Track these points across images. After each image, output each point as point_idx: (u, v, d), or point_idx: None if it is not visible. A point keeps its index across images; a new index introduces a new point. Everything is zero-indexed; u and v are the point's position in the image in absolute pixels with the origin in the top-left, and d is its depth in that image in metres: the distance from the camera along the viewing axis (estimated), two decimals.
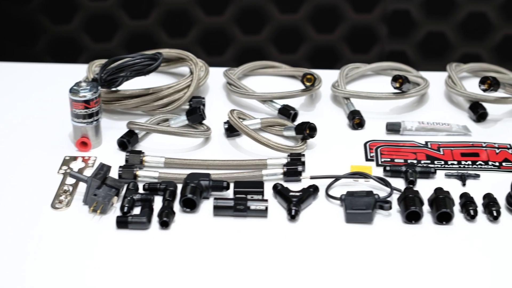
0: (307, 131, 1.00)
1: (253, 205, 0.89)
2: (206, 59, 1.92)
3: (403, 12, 1.86)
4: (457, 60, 1.86)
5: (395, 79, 1.07)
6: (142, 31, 1.88)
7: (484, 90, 1.05)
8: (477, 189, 0.93)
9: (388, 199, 0.91)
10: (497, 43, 1.85)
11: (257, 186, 0.92)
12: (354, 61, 1.93)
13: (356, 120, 1.06)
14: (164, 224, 0.87)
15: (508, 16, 1.82)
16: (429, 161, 0.99)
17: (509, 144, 1.02)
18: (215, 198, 0.90)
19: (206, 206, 0.91)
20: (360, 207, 0.89)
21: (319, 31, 1.90)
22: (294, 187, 0.93)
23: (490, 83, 1.04)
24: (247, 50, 1.91)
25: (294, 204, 0.89)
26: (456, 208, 0.90)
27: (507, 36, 1.83)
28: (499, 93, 1.08)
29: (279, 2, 1.86)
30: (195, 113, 1.03)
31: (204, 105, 1.10)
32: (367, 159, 1.00)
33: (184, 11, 1.85)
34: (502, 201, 0.91)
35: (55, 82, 1.15)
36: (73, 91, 0.99)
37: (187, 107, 1.09)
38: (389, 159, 1.00)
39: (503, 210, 0.90)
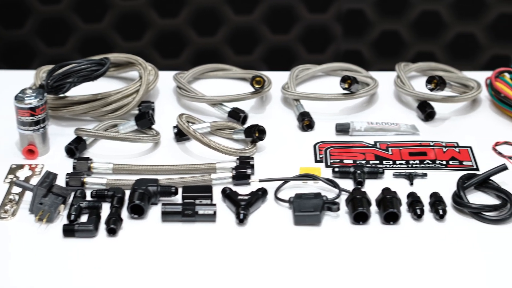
0: (256, 134, 1.00)
1: (201, 210, 0.89)
2: (162, 62, 1.92)
3: (358, 11, 1.88)
4: (411, 59, 1.89)
5: (343, 80, 1.07)
6: (96, 35, 1.86)
7: (431, 90, 1.06)
8: (424, 188, 0.94)
9: (336, 200, 0.91)
10: (450, 41, 1.87)
11: (206, 190, 0.92)
12: (310, 61, 1.93)
13: (306, 122, 1.06)
14: (112, 231, 0.86)
15: (461, 14, 1.85)
16: (377, 161, 1.00)
17: (456, 143, 1.03)
18: (163, 204, 0.90)
19: (155, 211, 0.91)
20: (308, 209, 0.89)
21: (274, 32, 1.91)
22: (243, 190, 0.93)
23: (436, 83, 1.05)
24: (203, 52, 1.90)
25: (242, 207, 0.89)
26: (404, 208, 0.91)
27: (459, 34, 1.86)
28: (447, 92, 1.09)
29: (234, 3, 1.86)
30: (144, 118, 1.03)
31: (153, 109, 1.09)
32: (316, 161, 1.00)
33: (139, 14, 1.84)
34: (449, 200, 0.92)
35: (3, 89, 1.14)
36: (19, 98, 0.98)
37: (136, 112, 1.08)
38: (338, 160, 1.00)
39: (450, 208, 0.91)
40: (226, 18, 1.85)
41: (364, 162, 0.99)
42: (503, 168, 0.94)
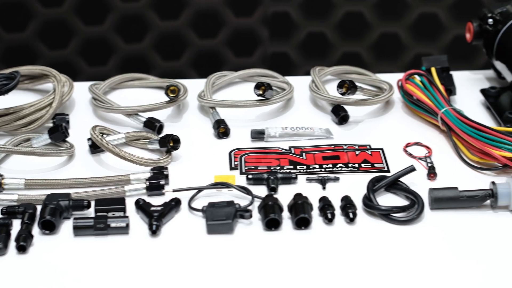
0: (170, 143, 1.01)
1: (113, 223, 0.89)
2: (89, 70, 1.91)
3: (283, 14, 1.89)
4: (338, 59, 1.92)
5: (257, 86, 1.08)
6: (20, 45, 1.84)
7: (342, 94, 1.07)
8: (337, 191, 0.96)
9: (249, 207, 0.92)
10: (374, 41, 1.90)
11: (118, 203, 0.92)
12: (238, 65, 1.95)
13: (221, 129, 1.07)
14: (21, 248, 0.86)
15: (384, 14, 1.88)
16: (291, 167, 1.01)
17: (369, 145, 1.05)
18: (75, 218, 0.90)
19: (67, 226, 0.90)
20: (220, 218, 0.90)
21: (201, 37, 1.91)
22: (158, 201, 0.93)
23: (347, 87, 1.06)
24: (130, 59, 1.89)
25: (155, 219, 0.90)
26: (316, 212, 0.93)
27: (383, 34, 1.89)
28: (359, 96, 1.11)
29: (159, 9, 1.86)
30: (57, 131, 1.02)
31: (68, 122, 1.08)
32: (231, 168, 1.01)
33: (63, 22, 1.82)
34: (360, 202, 0.94)
35: None
36: None
37: (51, 125, 1.07)
38: (253, 167, 1.01)
39: (360, 211, 0.93)
40: (152, 24, 1.85)
41: (278, 168, 1.01)
42: (411, 169, 0.96)
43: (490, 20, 1.12)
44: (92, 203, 0.92)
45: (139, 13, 1.84)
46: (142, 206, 0.92)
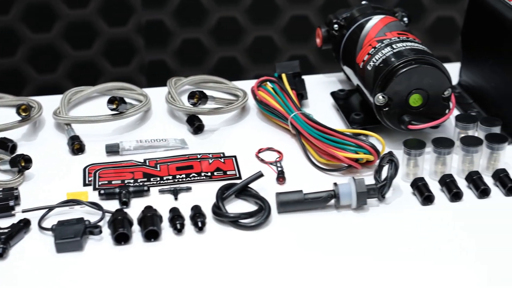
0: (21, 163, 1.00)
1: None
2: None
3: (157, 22, 1.90)
4: (214, 64, 1.94)
5: (110, 101, 1.09)
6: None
7: (193, 104, 1.09)
8: (189, 201, 0.97)
9: (100, 223, 0.93)
10: (249, 44, 1.93)
11: None
12: (116, 74, 1.95)
13: (76, 146, 1.07)
14: None
15: (257, 18, 1.91)
16: (145, 179, 1.02)
17: (223, 153, 1.07)
18: None
19: None
20: (69, 236, 0.90)
21: (76, 48, 1.90)
22: (7, 223, 0.93)
23: (198, 97, 1.09)
24: (1, 74, 1.87)
25: (2, 241, 0.89)
26: (167, 224, 0.94)
27: (257, 37, 1.92)
28: (213, 105, 1.13)
29: (30, 22, 1.84)
30: None
31: None
32: (85, 184, 1.01)
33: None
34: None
35: None
36: None
37: None
38: (106, 182, 1.02)
39: (211, 219, 0.95)
40: (24, 37, 1.83)
41: (132, 181, 1.02)
42: (259, 175, 0.98)
43: (336, 26, 1.17)
44: None
45: (8, 26, 1.82)
46: None
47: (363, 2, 1.18)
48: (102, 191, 0.98)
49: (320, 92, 1.22)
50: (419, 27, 1.91)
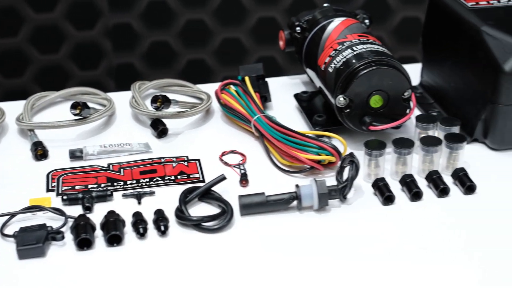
0: None
1: None
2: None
3: (125, 25, 1.90)
4: (182, 67, 1.95)
5: (73, 106, 1.09)
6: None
7: (157, 108, 1.10)
8: (153, 205, 0.98)
9: (62, 229, 0.93)
10: (217, 47, 1.94)
11: None
12: (84, 78, 1.94)
13: (39, 151, 1.07)
14: None
15: (225, 20, 1.92)
16: (109, 184, 1.02)
17: (186, 156, 1.08)
18: None
19: None
20: (31, 242, 0.90)
21: (43, 52, 1.89)
22: None
23: (161, 101, 1.09)
24: None
25: None
26: (130, 228, 0.94)
27: (225, 39, 1.93)
28: (176, 108, 1.14)
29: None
30: None
31: None
32: (48, 190, 1.01)
33: None
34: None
35: None
36: None
37: None
38: (70, 187, 1.02)
39: (174, 223, 0.96)
40: None
41: (95, 186, 1.02)
42: (222, 178, 0.99)
43: (298, 28, 1.18)
44: None
45: None
46: None
47: (325, 5, 1.19)
48: (65, 197, 0.98)
49: (284, 94, 1.23)
50: (385, 28, 1.93)
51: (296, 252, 0.92)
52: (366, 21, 1.19)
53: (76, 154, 1.07)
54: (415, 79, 1.23)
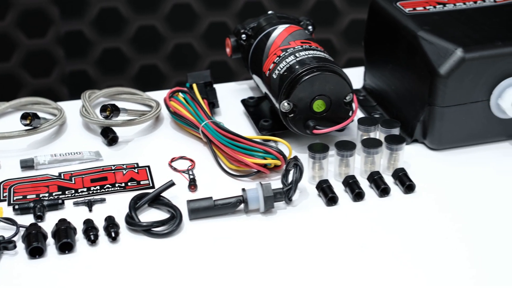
0: None
1: None
2: None
3: (77, 32, 1.91)
4: (136, 73, 1.96)
5: (23, 117, 1.11)
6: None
7: (106, 117, 1.12)
8: (104, 212, 1.00)
9: (14, 238, 0.95)
10: (170, 51, 1.96)
11: None
12: (37, 86, 1.95)
13: None
14: None
15: (176, 26, 1.94)
16: (60, 192, 1.04)
17: (136, 163, 1.10)
18: None
19: None
20: None
21: None
22: None
23: (110, 110, 1.11)
24: None
25: None
26: (81, 235, 0.97)
27: (177, 45, 1.95)
28: (126, 117, 1.16)
29: None
30: None
31: None
32: None
33: None
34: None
35: None
36: None
37: None
38: (21, 197, 1.04)
39: (124, 229, 0.98)
40: None
41: (47, 195, 1.04)
42: (171, 184, 1.02)
43: (243, 36, 1.21)
44: None
45: None
46: None
47: (269, 12, 1.22)
48: (16, 206, 1.00)
49: (232, 100, 1.26)
50: (333, 30, 1.97)
51: (244, 254, 0.95)
52: (309, 27, 1.23)
53: (27, 164, 1.09)
54: (361, 82, 1.28)
